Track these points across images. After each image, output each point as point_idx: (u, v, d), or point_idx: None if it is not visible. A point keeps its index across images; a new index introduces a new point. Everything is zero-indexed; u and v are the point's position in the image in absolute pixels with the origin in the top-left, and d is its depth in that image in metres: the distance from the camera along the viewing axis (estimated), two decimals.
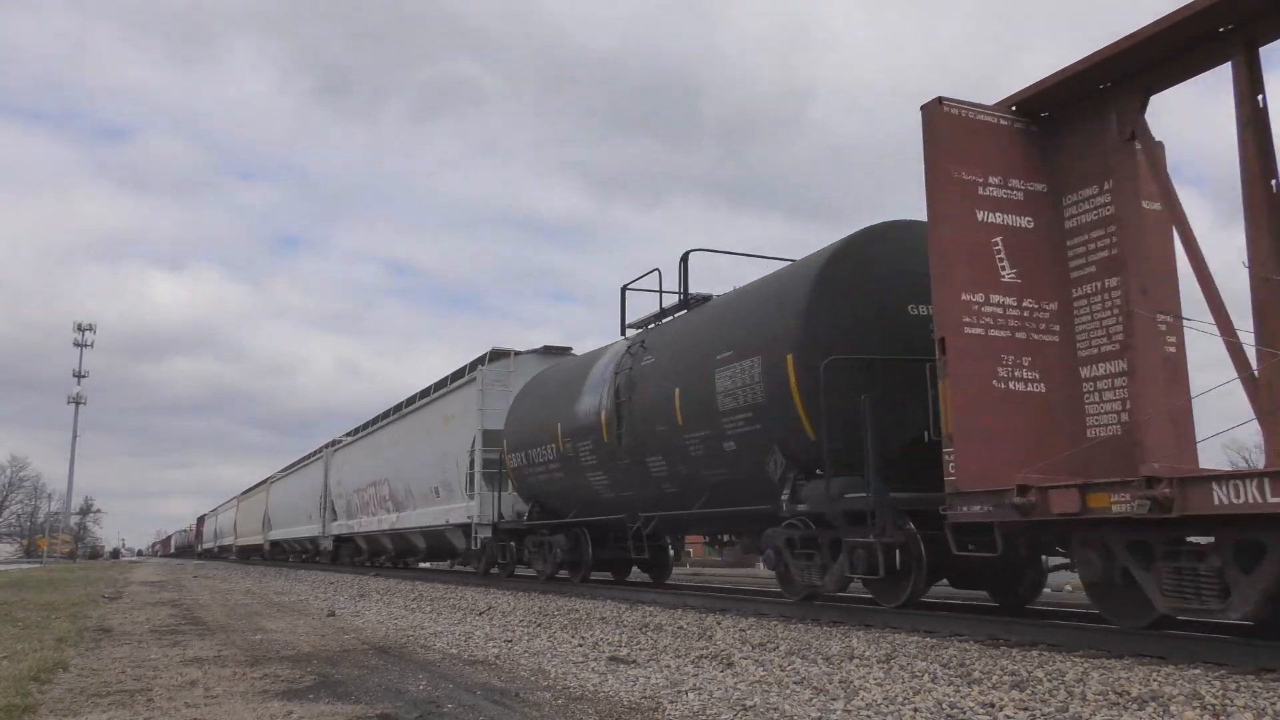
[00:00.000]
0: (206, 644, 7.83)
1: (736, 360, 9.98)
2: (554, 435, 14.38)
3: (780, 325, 9.44)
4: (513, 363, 18.57)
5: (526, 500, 16.18)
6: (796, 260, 10.69)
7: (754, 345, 9.78)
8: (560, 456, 14.29)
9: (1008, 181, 7.73)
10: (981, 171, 7.64)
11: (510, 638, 7.98)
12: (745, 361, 9.84)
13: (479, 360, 19.05)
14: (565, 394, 14.50)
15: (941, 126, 7.60)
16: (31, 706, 4.90)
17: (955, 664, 5.98)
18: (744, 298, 10.84)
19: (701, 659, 6.46)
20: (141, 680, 5.79)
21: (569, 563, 14.77)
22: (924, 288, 7.86)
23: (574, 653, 6.89)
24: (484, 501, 17.50)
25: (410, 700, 5.00)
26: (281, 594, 15.69)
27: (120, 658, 6.93)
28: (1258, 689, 4.92)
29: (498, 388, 18.17)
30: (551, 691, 5.21)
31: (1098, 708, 4.51)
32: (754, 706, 4.65)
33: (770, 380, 9.43)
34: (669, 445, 11.32)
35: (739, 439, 10.07)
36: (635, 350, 12.62)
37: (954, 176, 7.55)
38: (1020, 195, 7.75)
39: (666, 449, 11.40)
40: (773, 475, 9.54)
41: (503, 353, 18.77)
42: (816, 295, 9.12)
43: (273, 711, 4.73)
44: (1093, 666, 5.76)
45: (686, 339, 11.53)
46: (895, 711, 4.50)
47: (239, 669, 6.24)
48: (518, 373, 18.16)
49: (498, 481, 17.15)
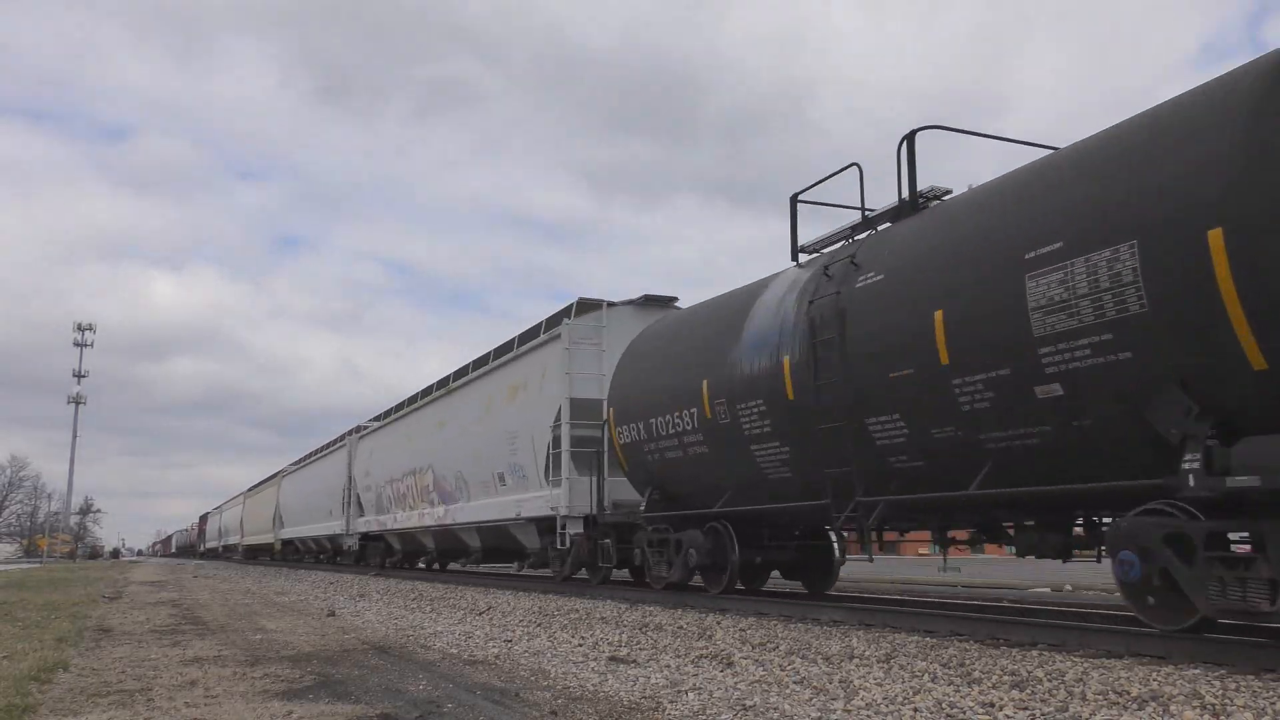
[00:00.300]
0: (206, 644, 7.83)
1: (1075, 255, 6.57)
2: (695, 397, 11.04)
3: (1185, 184, 5.98)
4: (605, 315, 15.19)
5: (641, 486, 12.79)
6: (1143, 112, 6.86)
7: (1121, 224, 6.32)
8: (706, 425, 10.91)
9: None
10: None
11: (510, 637, 7.98)
12: (1098, 254, 6.40)
13: (560, 314, 15.68)
14: (711, 343, 11.15)
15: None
16: (32, 706, 4.90)
17: (955, 664, 5.98)
18: (1080, 159, 6.99)
19: (701, 659, 6.46)
20: (141, 680, 5.79)
21: (707, 566, 11.44)
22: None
23: (574, 652, 6.89)
24: (574, 489, 14.27)
25: (410, 700, 5.00)
26: (281, 594, 15.68)
27: (120, 657, 6.93)
28: (1258, 689, 4.92)
29: (587, 347, 14.86)
30: (551, 691, 5.21)
31: (1097, 707, 4.51)
32: (754, 706, 4.65)
33: (1162, 277, 6.05)
34: (917, 398, 7.96)
35: (1075, 378, 6.67)
36: (838, 270, 9.11)
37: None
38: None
39: (910, 403, 8.05)
40: (1166, 429, 6.19)
41: (592, 304, 15.38)
42: (1269, 121, 5.64)
43: (273, 711, 4.73)
44: (1093, 666, 5.75)
45: (947, 239, 7.94)
46: (895, 711, 4.50)
47: (239, 669, 6.24)
48: (612, 329, 14.89)
49: (594, 463, 14.03)
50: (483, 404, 18.62)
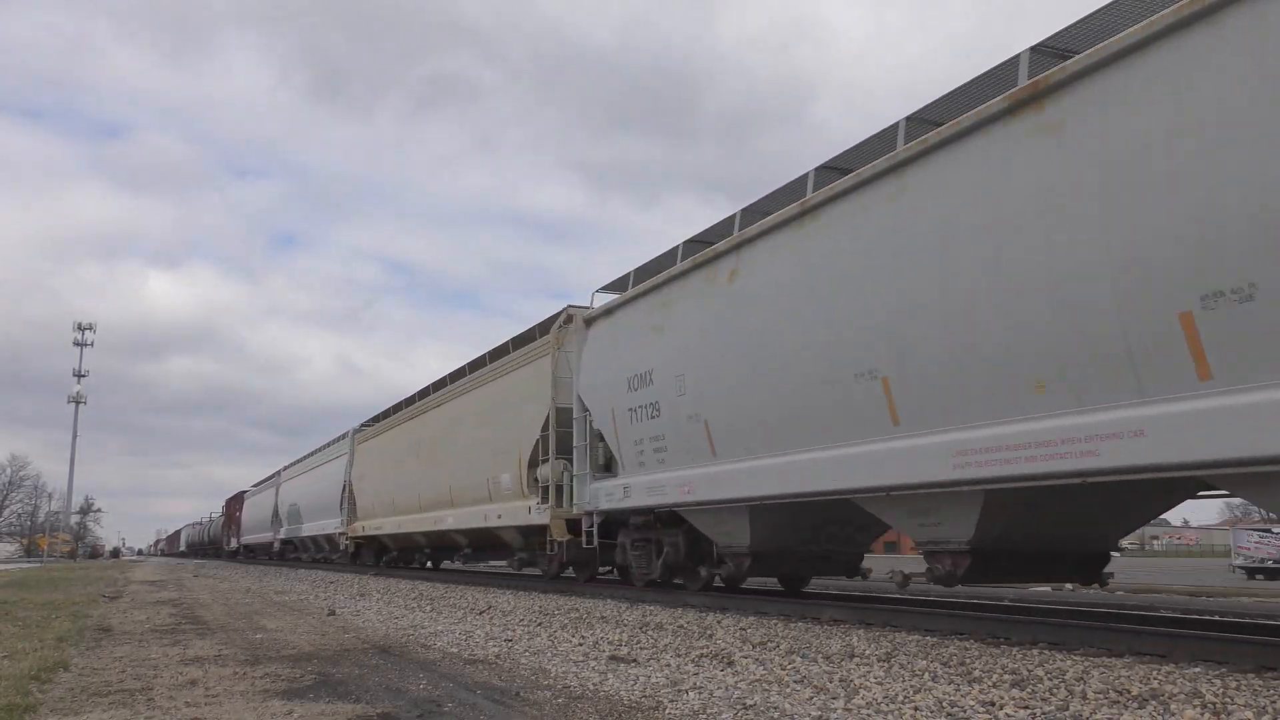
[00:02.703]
0: (207, 643, 7.83)
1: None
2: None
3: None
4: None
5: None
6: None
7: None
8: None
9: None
10: None
11: (510, 637, 7.98)
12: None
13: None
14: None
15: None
16: (32, 705, 4.90)
17: (955, 662, 5.98)
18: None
19: (702, 658, 6.46)
20: (142, 679, 5.79)
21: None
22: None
23: (574, 652, 6.89)
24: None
25: (410, 699, 5.00)
26: (282, 593, 15.68)
27: (121, 657, 6.93)
28: (1258, 687, 4.92)
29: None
30: (552, 690, 5.21)
31: (1098, 706, 4.51)
32: (754, 705, 4.65)
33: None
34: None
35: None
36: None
37: None
38: None
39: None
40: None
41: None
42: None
43: (273, 711, 4.73)
44: (1093, 665, 5.75)
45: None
46: (896, 710, 4.50)
47: (239, 668, 6.23)
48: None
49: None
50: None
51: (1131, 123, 5.87)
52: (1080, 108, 6.18)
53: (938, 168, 7.31)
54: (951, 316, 7.13)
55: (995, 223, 6.74)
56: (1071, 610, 9.24)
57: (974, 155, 6.97)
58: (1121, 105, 5.94)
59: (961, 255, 7.02)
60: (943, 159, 7.26)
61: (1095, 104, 6.09)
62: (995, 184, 6.78)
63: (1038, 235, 6.41)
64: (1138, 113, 5.84)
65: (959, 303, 7.06)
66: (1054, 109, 6.36)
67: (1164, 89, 5.69)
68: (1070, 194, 6.20)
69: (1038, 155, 6.44)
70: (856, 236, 8.16)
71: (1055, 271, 6.31)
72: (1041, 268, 6.40)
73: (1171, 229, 5.63)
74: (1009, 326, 6.68)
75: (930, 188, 7.38)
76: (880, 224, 7.86)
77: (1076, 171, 6.16)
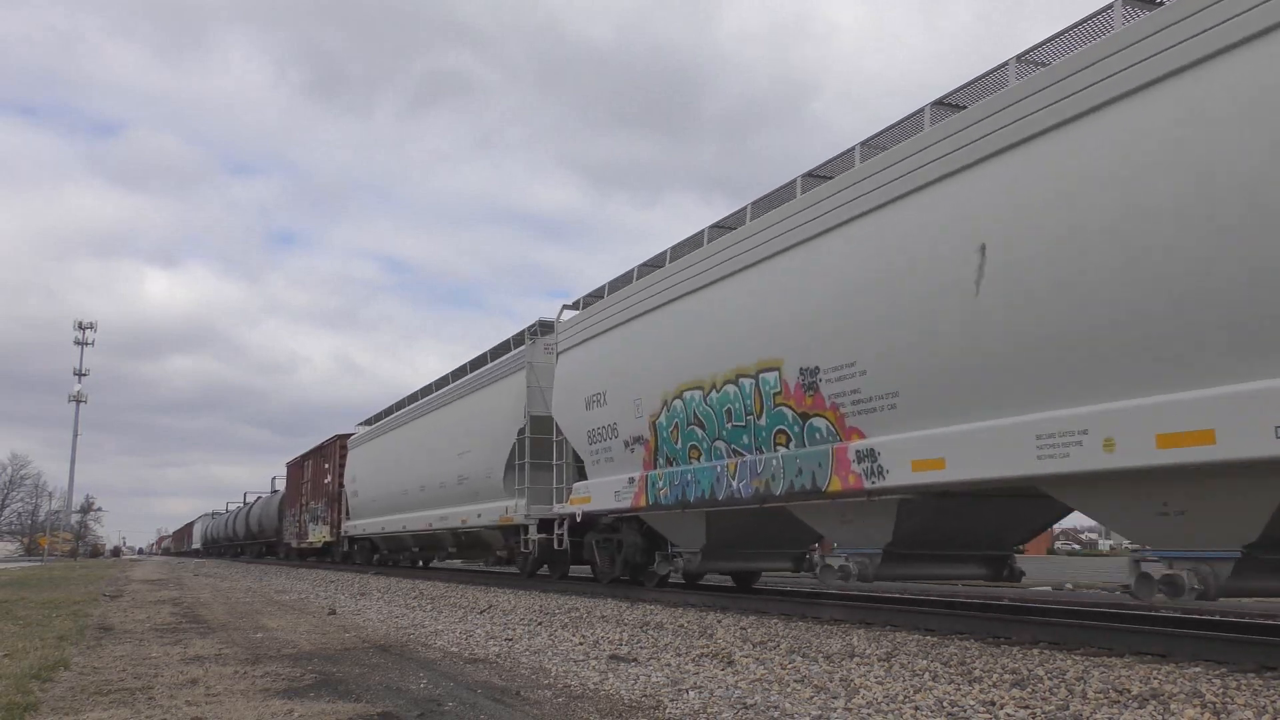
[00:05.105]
0: (207, 642, 7.84)
1: None
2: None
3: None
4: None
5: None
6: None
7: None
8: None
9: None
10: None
11: (511, 636, 7.98)
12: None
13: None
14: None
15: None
16: (33, 704, 4.90)
17: (956, 662, 5.99)
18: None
19: (702, 657, 6.46)
20: (143, 678, 5.79)
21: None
22: None
23: (575, 651, 6.89)
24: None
25: (411, 698, 5.01)
26: (282, 592, 15.69)
27: (121, 656, 6.93)
28: (1258, 687, 4.93)
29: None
30: (552, 690, 5.22)
31: (1098, 706, 4.51)
32: (755, 705, 4.65)
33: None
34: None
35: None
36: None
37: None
38: None
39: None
40: None
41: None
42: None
43: (274, 710, 4.73)
44: (1093, 664, 5.76)
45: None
46: (896, 710, 4.50)
47: (240, 667, 6.24)
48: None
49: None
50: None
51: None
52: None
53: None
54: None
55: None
56: (1071, 610, 9.23)
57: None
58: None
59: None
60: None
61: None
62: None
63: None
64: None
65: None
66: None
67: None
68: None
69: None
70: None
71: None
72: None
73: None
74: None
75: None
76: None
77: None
